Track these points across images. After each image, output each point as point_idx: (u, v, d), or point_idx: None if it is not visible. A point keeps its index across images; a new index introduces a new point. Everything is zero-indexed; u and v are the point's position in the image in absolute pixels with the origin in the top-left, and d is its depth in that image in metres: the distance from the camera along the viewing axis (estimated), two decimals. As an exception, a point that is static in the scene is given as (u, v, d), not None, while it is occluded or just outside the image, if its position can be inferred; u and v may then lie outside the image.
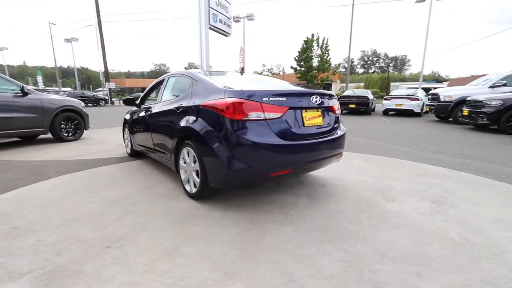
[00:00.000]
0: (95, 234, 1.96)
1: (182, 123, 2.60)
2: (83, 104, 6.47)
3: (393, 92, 16.00)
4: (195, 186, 2.57)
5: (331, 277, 1.51)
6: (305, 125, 2.35)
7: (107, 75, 24.83)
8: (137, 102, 4.15)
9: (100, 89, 40.53)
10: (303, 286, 1.43)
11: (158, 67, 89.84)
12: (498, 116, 6.93)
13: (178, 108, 2.73)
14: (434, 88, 18.51)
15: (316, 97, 2.45)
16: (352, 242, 1.88)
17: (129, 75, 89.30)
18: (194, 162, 2.51)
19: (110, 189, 2.91)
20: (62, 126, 5.92)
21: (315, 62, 29.28)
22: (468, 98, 8.07)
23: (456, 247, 1.83)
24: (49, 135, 5.94)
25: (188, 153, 2.60)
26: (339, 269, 1.58)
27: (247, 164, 2.10)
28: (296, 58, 29.99)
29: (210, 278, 1.49)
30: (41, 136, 6.49)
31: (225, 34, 17.65)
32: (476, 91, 8.71)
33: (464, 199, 2.65)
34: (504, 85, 8.48)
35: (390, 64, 79.68)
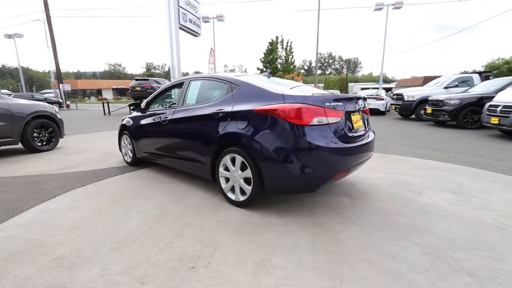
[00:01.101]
0: (166, 254, 1.78)
1: (227, 128, 2.49)
2: (57, 109, 5.72)
3: (360, 93, 17.26)
4: (242, 194, 2.50)
5: (428, 270, 1.61)
6: (354, 128, 2.45)
7: (60, 76, 22.12)
8: (142, 107, 3.84)
9: (46, 91, 35.92)
10: (412, 282, 1.51)
11: (112, 67, 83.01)
12: (457, 113, 7.98)
13: (217, 113, 2.61)
14: (384, 88, 20.39)
15: (360, 101, 2.57)
16: (418, 235, 2.03)
17: (79, 75, 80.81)
18: (243, 169, 2.44)
19: (140, 203, 2.66)
20: (35, 134, 5.16)
21: (280, 64, 30.05)
22: (429, 98, 9.13)
23: (501, 231, 2.09)
24: (14, 146, 5.13)
25: (232, 160, 2.51)
26: (428, 262, 1.70)
27: (313, 168, 2.12)
28: (262, 59, 30.46)
29: (325, 286, 1.48)
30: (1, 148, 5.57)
31: (194, 34, 17.18)
32: (434, 92, 9.90)
33: (474, 189, 3.03)
34: (456, 86, 9.79)
35: (344, 66, 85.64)
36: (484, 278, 1.54)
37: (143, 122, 3.78)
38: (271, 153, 2.19)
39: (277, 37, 29.79)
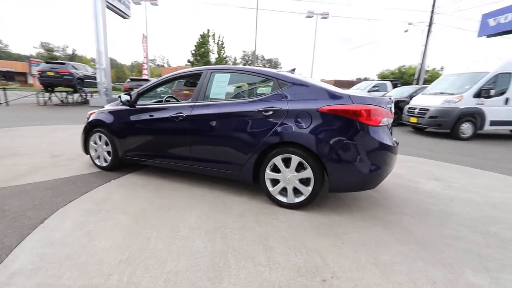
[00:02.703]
0: (281, 273, 1.57)
1: (281, 127, 2.34)
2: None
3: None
4: (295, 195, 2.42)
5: (488, 244, 1.98)
6: (389, 128, 2.71)
7: None
8: (131, 99, 3.14)
9: None
10: (486, 256, 1.83)
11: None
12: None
13: (266, 111, 2.42)
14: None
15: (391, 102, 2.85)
16: (453, 218, 2.43)
17: None
18: (298, 170, 2.36)
19: (174, 217, 2.21)
20: None
21: (212, 58, 29.44)
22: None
23: (493, 207, 2.74)
24: None
25: (284, 161, 2.39)
26: (480, 238, 2.08)
27: (379, 166, 2.24)
28: (193, 52, 29.11)
29: (445, 271, 1.63)
30: None
31: (123, 15, 14.98)
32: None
33: (444, 175, 3.81)
34: (377, 90, 11.86)
35: (266, 65, 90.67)
36: (525, 245, 2.01)
37: (136, 118, 3.11)
38: (341, 153, 2.20)
39: (208, 30, 28.98)
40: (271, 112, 2.41)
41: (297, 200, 2.41)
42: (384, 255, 1.79)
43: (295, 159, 2.35)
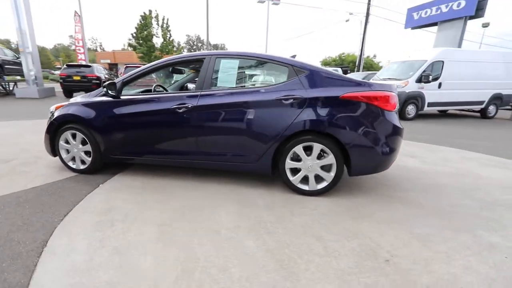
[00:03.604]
0: (347, 260, 1.60)
1: (303, 116, 2.31)
2: None
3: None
4: (318, 182, 2.46)
5: None
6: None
7: None
8: (115, 89, 2.69)
9: None
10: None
11: None
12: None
13: (286, 99, 2.34)
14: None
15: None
16: (459, 192, 2.81)
17: None
18: (319, 157, 2.39)
19: (203, 218, 2.04)
20: None
21: (157, 42, 27.09)
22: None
23: (479, 177, 3.24)
24: None
25: (305, 149, 2.39)
26: (501, 209, 2.46)
27: (394, 149, 2.40)
28: (134, 34, 26.28)
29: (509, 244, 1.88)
30: None
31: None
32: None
33: (414, 152, 4.34)
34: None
35: (212, 50, 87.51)
36: None
37: (125, 111, 2.69)
38: (363, 137, 2.29)
39: (150, 11, 26.37)
40: (291, 100, 2.35)
41: (320, 186, 2.45)
42: (416, 229, 1.97)
43: (317, 147, 2.36)
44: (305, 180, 2.48)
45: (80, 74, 10.56)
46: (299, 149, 2.40)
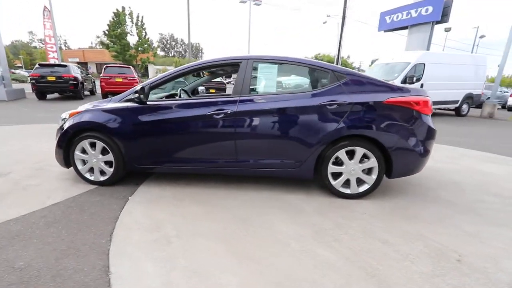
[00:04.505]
0: (420, 263, 1.63)
1: (348, 121, 2.33)
2: None
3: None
4: (358, 185, 2.50)
5: None
6: None
7: None
8: (142, 95, 2.50)
9: None
10: (519, 212, 2.37)
11: None
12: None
13: (330, 104, 2.35)
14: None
15: None
16: (484, 187, 3.00)
17: None
18: (361, 161, 2.43)
19: (261, 229, 1.98)
20: None
21: (132, 40, 25.87)
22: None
23: (488, 174, 3.49)
24: None
25: (348, 153, 2.42)
26: None
27: (429, 150, 2.51)
28: (106, 32, 24.82)
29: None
30: None
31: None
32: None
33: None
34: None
35: (188, 50, 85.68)
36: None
37: (154, 117, 2.52)
38: (404, 141, 2.36)
39: (123, 8, 25.09)
40: (335, 106, 2.35)
41: (361, 189, 2.49)
42: (464, 226, 2.07)
43: (360, 151, 2.40)
44: (346, 183, 2.51)
45: (55, 74, 9.71)
46: (342, 154, 2.42)
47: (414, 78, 8.69)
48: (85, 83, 11.52)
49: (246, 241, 1.81)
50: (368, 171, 2.47)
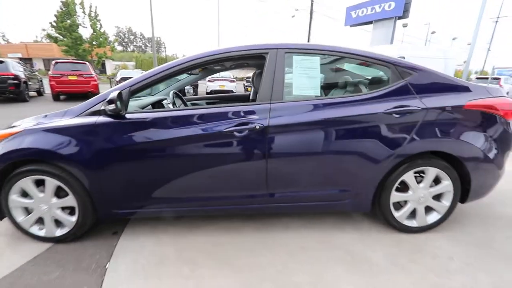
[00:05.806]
0: None
1: (421, 133, 1.70)
2: None
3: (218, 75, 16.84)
4: (428, 214, 1.91)
5: None
6: None
7: None
8: (119, 104, 1.62)
9: None
10: None
11: None
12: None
13: (397, 112, 1.70)
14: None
15: None
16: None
17: None
18: (431, 185, 1.85)
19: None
20: None
21: (85, 33, 23.08)
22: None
23: None
24: None
25: (419, 176, 1.82)
26: None
27: (504, 164, 2.00)
28: (54, 23, 21.76)
29: None
30: None
31: None
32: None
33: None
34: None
35: (148, 44, 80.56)
36: None
37: (139, 139, 1.65)
38: (486, 156, 1.81)
39: (73, -5, 22.12)
40: (405, 113, 1.71)
41: (431, 221, 1.91)
42: None
43: (432, 172, 1.80)
44: (411, 214, 1.90)
45: (-13, 73, 7.86)
46: (409, 177, 1.80)
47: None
48: (30, 82, 9.62)
49: None
50: (437, 197, 1.89)
